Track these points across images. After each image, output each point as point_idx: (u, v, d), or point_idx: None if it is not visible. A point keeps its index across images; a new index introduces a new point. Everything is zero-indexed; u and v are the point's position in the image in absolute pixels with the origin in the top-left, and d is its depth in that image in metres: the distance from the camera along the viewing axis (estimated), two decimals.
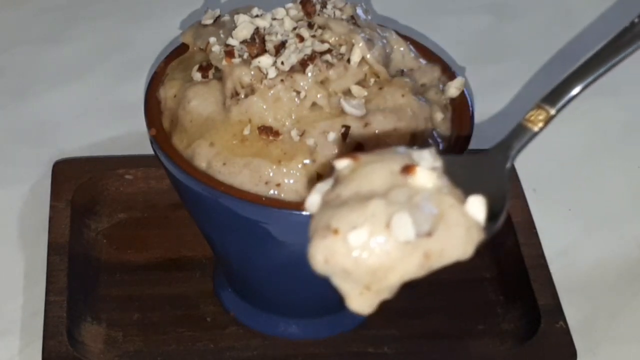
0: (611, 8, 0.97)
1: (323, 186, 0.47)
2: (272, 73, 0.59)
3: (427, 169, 0.45)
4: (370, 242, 0.43)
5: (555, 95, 0.51)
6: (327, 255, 0.44)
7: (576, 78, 0.51)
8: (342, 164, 0.47)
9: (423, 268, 0.44)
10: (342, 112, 0.59)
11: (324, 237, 0.44)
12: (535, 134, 0.50)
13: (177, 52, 0.65)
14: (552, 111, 0.51)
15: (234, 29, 0.61)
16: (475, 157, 0.51)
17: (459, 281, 0.71)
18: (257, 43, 0.60)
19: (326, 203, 0.46)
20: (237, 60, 0.59)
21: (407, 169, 0.45)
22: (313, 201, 0.46)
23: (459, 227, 0.44)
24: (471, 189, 0.45)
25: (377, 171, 0.45)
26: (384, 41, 0.62)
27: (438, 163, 0.46)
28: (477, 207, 0.45)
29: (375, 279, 0.44)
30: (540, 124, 0.50)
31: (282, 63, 0.59)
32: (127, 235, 0.74)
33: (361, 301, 0.45)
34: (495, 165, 0.50)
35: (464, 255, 0.45)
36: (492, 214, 0.46)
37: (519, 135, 0.50)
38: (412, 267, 0.44)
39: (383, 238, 0.43)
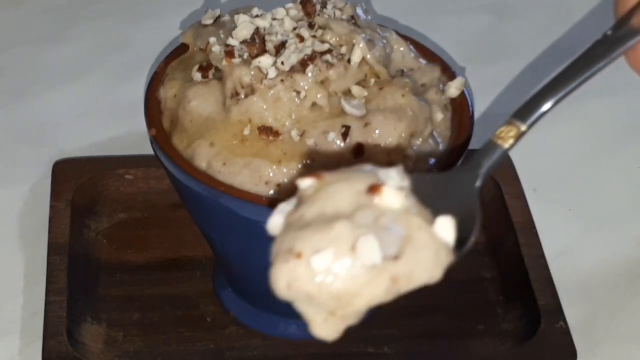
0: (610, 7, 0.97)
1: (286, 206, 0.45)
2: (272, 73, 0.58)
3: (394, 188, 0.43)
4: (334, 266, 0.41)
5: (526, 111, 0.49)
6: (289, 280, 0.42)
7: (547, 93, 0.49)
8: (306, 183, 0.45)
9: (390, 292, 0.42)
10: (342, 112, 0.59)
11: (286, 261, 0.42)
12: (506, 150, 0.48)
13: (177, 52, 0.65)
14: (523, 127, 0.48)
15: (234, 29, 0.61)
16: (444, 175, 0.49)
17: (459, 281, 0.71)
18: (257, 43, 0.60)
19: (289, 224, 0.44)
20: (237, 60, 0.59)
21: (373, 189, 0.43)
22: (275, 222, 0.44)
23: (427, 250, 0.42)
24: (440, 209, 0.44)
25: (342, 191, 0.43)
26: (384, 41, 0.62)
27: (405, 182, 0.44)
28: (446, 228, 0.43)
29: (340, 305, 0.42)
30: (511, 141, 0.48)
31: (282, 63, 0.59)
32: (127, 235, 0.74)
33: (326, 327, 0.44)
34: (464, 184, 0.47)
35: (432, 279, 0.43)
36: (462, 235, 0.44)
37: (489, 152, 0.48)
38: (378, 292, 0.42)
39: (348, 262, 0.41)
